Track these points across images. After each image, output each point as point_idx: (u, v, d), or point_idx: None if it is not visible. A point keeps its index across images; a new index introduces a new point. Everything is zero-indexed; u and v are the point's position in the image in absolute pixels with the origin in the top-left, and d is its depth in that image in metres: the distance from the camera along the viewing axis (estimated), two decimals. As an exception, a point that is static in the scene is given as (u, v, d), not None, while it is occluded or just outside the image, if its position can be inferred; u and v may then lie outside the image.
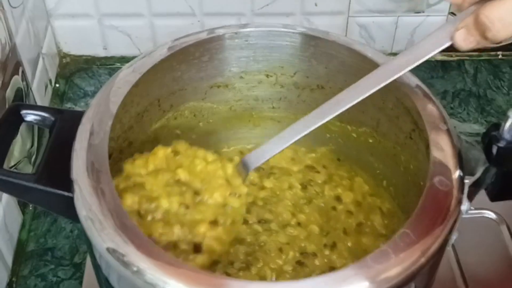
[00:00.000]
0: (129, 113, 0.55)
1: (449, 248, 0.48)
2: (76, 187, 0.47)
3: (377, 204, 0.62)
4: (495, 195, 0.50)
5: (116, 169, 0.52)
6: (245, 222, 0.60)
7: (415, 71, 0.90)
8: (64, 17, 0.86)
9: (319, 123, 0.50)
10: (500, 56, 0.92)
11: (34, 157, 0.73)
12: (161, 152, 0.54)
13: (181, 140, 0.56)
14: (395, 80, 0.54)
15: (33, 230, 0.72)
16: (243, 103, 0.64)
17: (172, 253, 0.49)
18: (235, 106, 0.64)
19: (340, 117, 0.61)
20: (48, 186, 0.49)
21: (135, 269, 0.42)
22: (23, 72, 0.74)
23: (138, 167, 0.53)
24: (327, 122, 0.51)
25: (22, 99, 0.73)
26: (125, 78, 0.54)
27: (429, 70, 0.90)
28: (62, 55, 0.90)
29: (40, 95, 0.80)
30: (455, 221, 0.46)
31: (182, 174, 0.53)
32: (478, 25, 0.45)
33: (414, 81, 0.54)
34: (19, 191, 0.50)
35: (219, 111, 0.64)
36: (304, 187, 0.63)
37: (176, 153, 0.55)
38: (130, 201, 0.51)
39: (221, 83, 0.61)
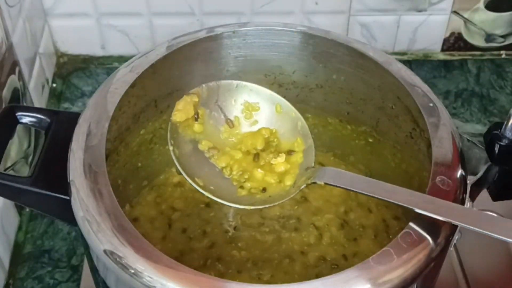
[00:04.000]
0: (126, 114, 0.55)
1: (451, 249, 0.47)
2: (73, 189, 0.47)
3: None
4: (498, 195, 0.50)
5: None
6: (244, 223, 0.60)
7: (417, 70, 0.91)
8: (61, 16, 0.85)
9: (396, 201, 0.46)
10: (503, 56, 0.92)
11: (31, 157, 0.73)
12: None
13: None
14: (395, 79, 0.54)
15: (30, 232, 0.71)
16: (241, 103, 0.64)
17: None
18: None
19: (339, 117, 0.61)
20: (44, 189, 0.49)
21: (132, 271, 0.42)
22: (19, 71, 0.74)
23: None
24: (325, 121, 0.50)
25: (19, 99, 0.72)
26: (122, 78, 0.54)
27: (431, 70, 0.90)
28: (59, 55, 0.90)
29: (37, 95, 0.80)
30: (457, 222, 0.46)
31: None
32: None
33: (415, 80, 0.54)
34: (14, 194, 0.50)
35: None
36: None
37: None
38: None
39: (219, 83, 0.61)
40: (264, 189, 0.50)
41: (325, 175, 0.49)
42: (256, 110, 0.54)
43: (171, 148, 0.50)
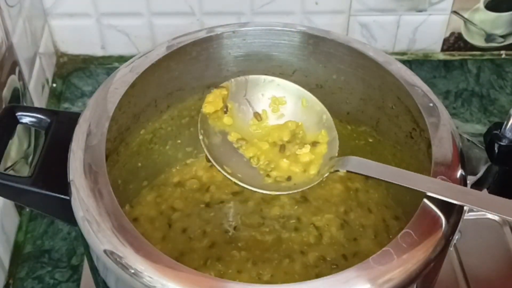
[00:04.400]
0: (126, 113, 0.55)
1: (451, 249, 0.47)
2: (73, 189, 0.47)
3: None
4: (497, 195, 0.50)
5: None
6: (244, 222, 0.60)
7: (417, 70, 0.91)
8: (61, 16, 0.85)
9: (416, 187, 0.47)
10: (503, 56, 0.91)
11: (31, 157, 0.73)
12: None
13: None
14: (395, 79, 0.54)
15: (30, 232, 0.71)
16: (241, 103, 0.64)
17: None
18: (233, 106, 0.64)
19: (339, 117, 0.61)
20: (44, 189, 0.49)
21: (132, 271, 0.42)
22: (20, 71, 0.74)
23: None
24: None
25: (19, 99, 0.72)
26: (123, 78, 0.54)
27: (431, 70, 0.90)
28: (59, 55, 0.90)
29: (37, 95, 0.80)
30: (457, 221, 0.46)
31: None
32: None
33: (415, 80, 0.54)
34: (15, 194, 0.50)
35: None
36: None
37: None
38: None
39: (219, 83, 0.60)
40: (289, 178, 0.52)
41: (348, 163, 0.50)
42: (282, 104, 0.55)
43: (201, 137, 0.51)
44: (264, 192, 0.50)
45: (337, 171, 0.50)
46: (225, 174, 0.50)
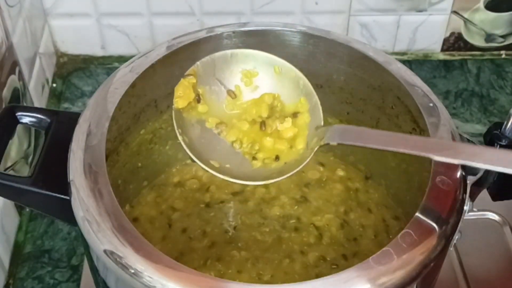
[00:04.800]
0: (126, 114, 0.55)
1: (451, 249, 0.47)
2: (73, 189, 0.47)
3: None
4: (497, 195, 0.51)
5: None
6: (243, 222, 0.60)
7: (417, 70, 0.91)
8: (61, 16, 0.85)
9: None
10: (503, 56, 0.91)
11: (31, 157, 0.73)
12: None
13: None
14: (395, 79, 0.54)
15: (30, 232, 0.71)
16: (241, 103, 0.64)
17: None
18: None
19: (339, 117, 0.61)
20: (44, 189, 0.49)
21: (132, 271, 0.42)
22: (20, 71, 0.74)
23: None
24: (325, 121, 0.50)
25: (19, 99, 0.72)
26: (122, 78, 0.54)
27: (431, 70, 0.90)
28: (59, 55, 0.90)
29: (37, 95, 0.80)
30: (457, 221, 0.46)
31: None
32: None
33: (415, 80, 0.54)
34: (15, 194, 0.50)
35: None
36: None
37: None
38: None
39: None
40: (277, 157, 0.49)
41: (336, 134, 0.47)
42: (255, 75, 0.53)
43: (180, 137, 0.49)
44: (255, 183, 0.48)
45: (327, 144, 0.47)
46: (212, 172, 0.48)
